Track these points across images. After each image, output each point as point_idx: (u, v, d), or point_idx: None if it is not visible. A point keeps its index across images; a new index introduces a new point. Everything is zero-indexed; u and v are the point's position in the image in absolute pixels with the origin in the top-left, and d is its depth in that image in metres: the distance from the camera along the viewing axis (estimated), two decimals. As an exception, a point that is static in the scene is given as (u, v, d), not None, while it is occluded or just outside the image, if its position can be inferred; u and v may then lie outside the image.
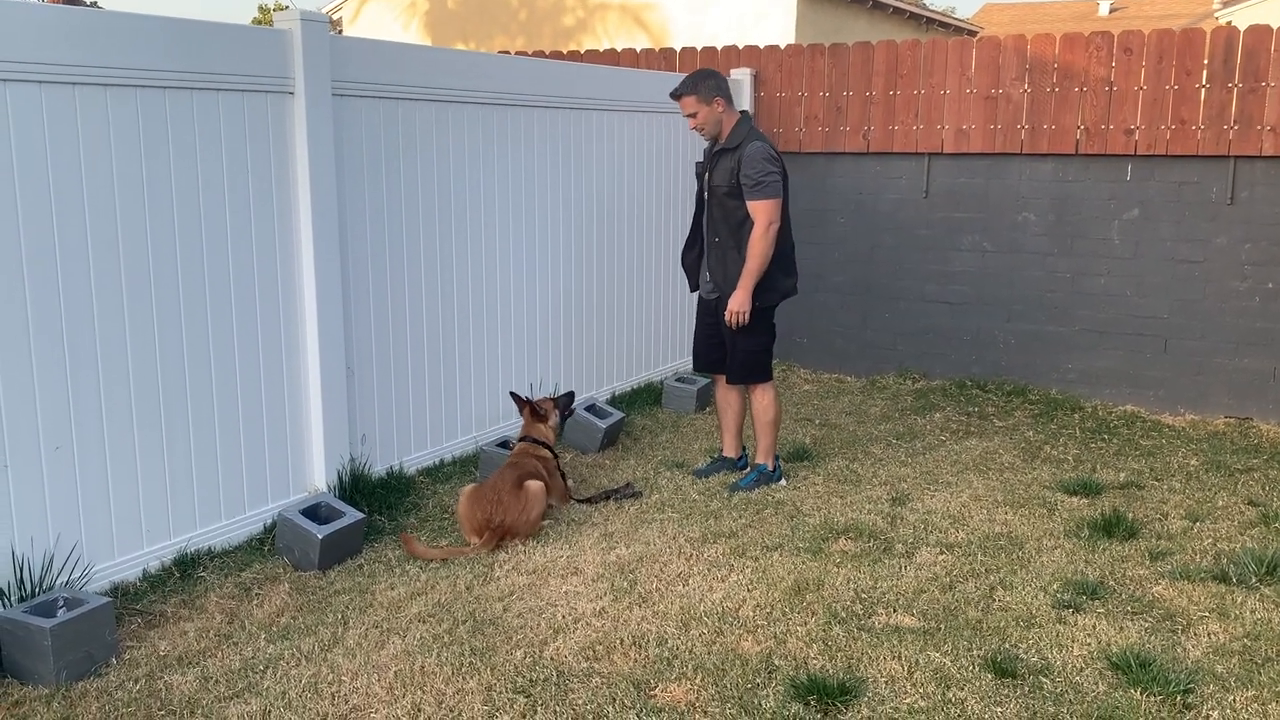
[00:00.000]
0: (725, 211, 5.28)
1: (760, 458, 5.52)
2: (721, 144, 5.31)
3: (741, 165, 5.14)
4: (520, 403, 5.39)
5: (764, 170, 5.12)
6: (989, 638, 3.80)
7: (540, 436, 5.32)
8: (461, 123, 5.51)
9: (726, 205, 5.26)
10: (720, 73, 5.51)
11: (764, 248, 5.16)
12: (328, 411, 4.83)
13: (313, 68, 4.58)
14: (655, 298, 7.35)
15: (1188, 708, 3.36)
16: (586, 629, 3.88)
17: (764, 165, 5.13)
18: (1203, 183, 6.72)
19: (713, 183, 5.33)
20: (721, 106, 5.27)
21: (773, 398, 5.48)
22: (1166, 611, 4.04)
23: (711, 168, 5.35)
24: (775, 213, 5.16)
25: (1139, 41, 6.75)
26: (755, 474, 5.46)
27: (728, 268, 5.32)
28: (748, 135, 5.23)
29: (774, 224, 5.16)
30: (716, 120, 5.28)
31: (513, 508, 4.70)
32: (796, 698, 3.40)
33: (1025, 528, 4.88)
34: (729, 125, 5.29)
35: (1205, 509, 5.13)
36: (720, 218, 5.32)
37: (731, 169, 5.19)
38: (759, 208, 5.14)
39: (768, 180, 5.13)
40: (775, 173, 5.17)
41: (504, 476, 4.86)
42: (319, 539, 4.36)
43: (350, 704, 3.40)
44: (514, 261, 5.98)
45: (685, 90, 5.28)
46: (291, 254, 4.67)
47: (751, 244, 5.17)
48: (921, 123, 7.45)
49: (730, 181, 5.20)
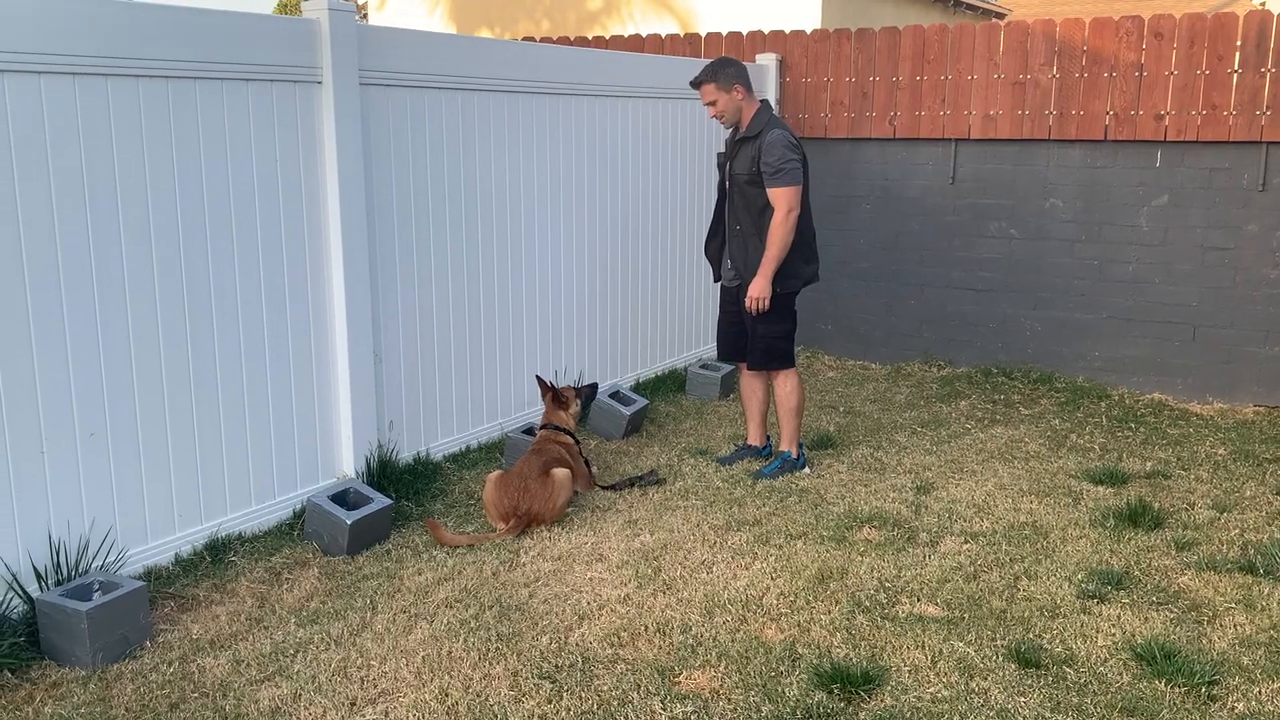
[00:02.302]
0: (746, 199, 5.29)
1: (784, 445, 5.53)
2: (742, 132, 5.31)
3: (762, 153, 5.15)
4: (544, 388, 5.44)
5: (784, 157, 5.13)
6: (1013, 627, 3.81)
7: (561, 423, 5.37)
8: (487, 111, 5.52)
9: (748, 193, 5.27)
10: (739, 60, 5.49)
11: (784, 234, 5.17)
12: (356, 398, 4.88)
13: (340, 57, 4.61)
14: (679, 284, 7.35)
15: (1213, 699, 3.36)
16: (611, 615, 3.91)
17: (784, 152, 5.13)
18: (1234, 169, 6.64)
19: (734, 171, 5.34)
20: (741, 94, 5.27)
21: (795, 384, 5.50)
22: (1192, 602, 4.02)
23: (732, 156, 5.36)
24: (795, 200, 5.16)
25: (1170, 25, 6.67)
26: (779, 462, 5.48)
27: (749, 255, 5.33)
28: (768, 123, 5.24)
29: (794, 211, 5.17)
30: (736, 108, 5.28)
31: (539, 494, 4.74)
32: (820, 686, 3.42)
33: (1050, 517, 4.87)
34: (749, 113, 5.29)
35: (1233, 499, 5.10)
36: (742, 206, 5.33)
37: (752, 157, 5.20)
38: (779, 195, 5.15)
39: (787, 167, 5.13)
40: (795, 160, 5.17)
41: (530, 463, 4.90)
42: (348, 525, 4.41)
43: (379, 688, 3.45)
44: (540, 249, 6.01)
45: (704, 78, 5.29)
46: (320, 242, 4.72)
47: (771, 231, 5.18)
48: (948, 108, 7.40)
49: (751, 170, 5.21)
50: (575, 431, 5.42)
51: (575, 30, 13.98)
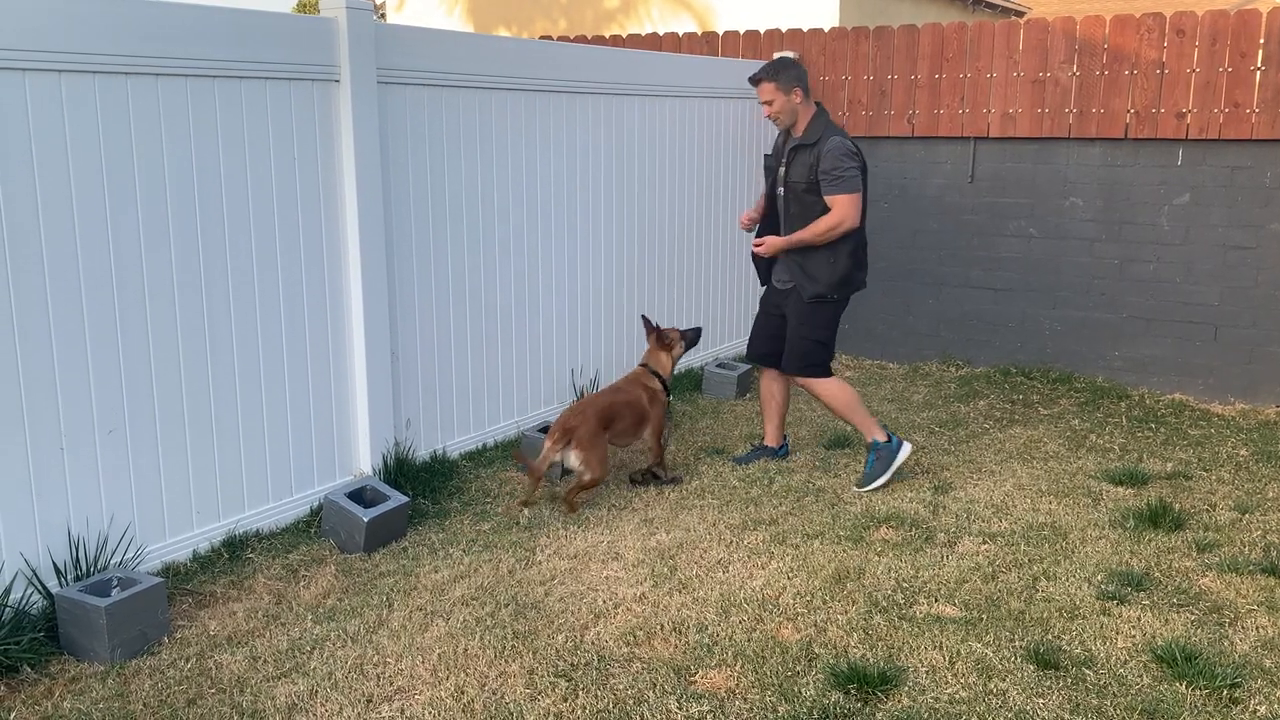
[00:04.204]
0: (803, 207, 5.16)
1: (868, 436, 5.30)
2: (798, 139, 5.17)
3: (820, 160, 5.03)
4: (649, 327, 5.48)
5: (844, 165, 5.00)
6: (1031, 628, 3.78)
7: (657, 366, 5.43)
8: (505, 109, 5.53)
9: (804, 201, 5.15)
10: (801, 63, 5.31)
11: (824, 233, 5.06)
12: (373, 396, 4.89)
13: (358, 55, 4.62)
14: (696, 283, 7.34)
15: (1234, 702, 3.32)
16: (627, 614, 3.91)
17: (844, 160, 5.01)
18: (1256, 167, 6.58)
19: (789, 179, 5.20)
20: (799, 98, 5.14)
21: (837, 385, 5.36)
22: (1213, 604, 3.99)
23: (787, 163, 5.22)
24: (851, 209, 5.04)
25: (1192, 23, 6.61)
26: (873, 455, 5.26)
27: (806, 265, 5.20)
28: (825, 129, 5.11)
29: (847, 222, 5.05)
30: (792, 111, 5.16)
31: (587, 424, 4.94)
32: (836, 686, 3.40)
33: (1069, 518, 4.83)
34: (805, 118, 5.17)
35: (1255, 500, 5.05)
36: (798, 214, 5.19)
37: (810, 165, 5.07)
38: (836, 202, 5.03)
39: (847, 175, 5.01)
40: (855, 168, 5.04)
41: (601, 396, 5.28)
42: (364, 522, 4.42)
43: (395, 685, 3.46)
44: (556, 248, 6.00)
45: (765, 76, 5.16)
46: (338, 240, 4.73)
47: (818, 222, 5.06)
48: (967, 106, 7.36)
49: (809, 178, 5.09)
50: (669, 378, 5.45)
51: (592, 29, 13.99)
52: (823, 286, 5.20)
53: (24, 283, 3.64)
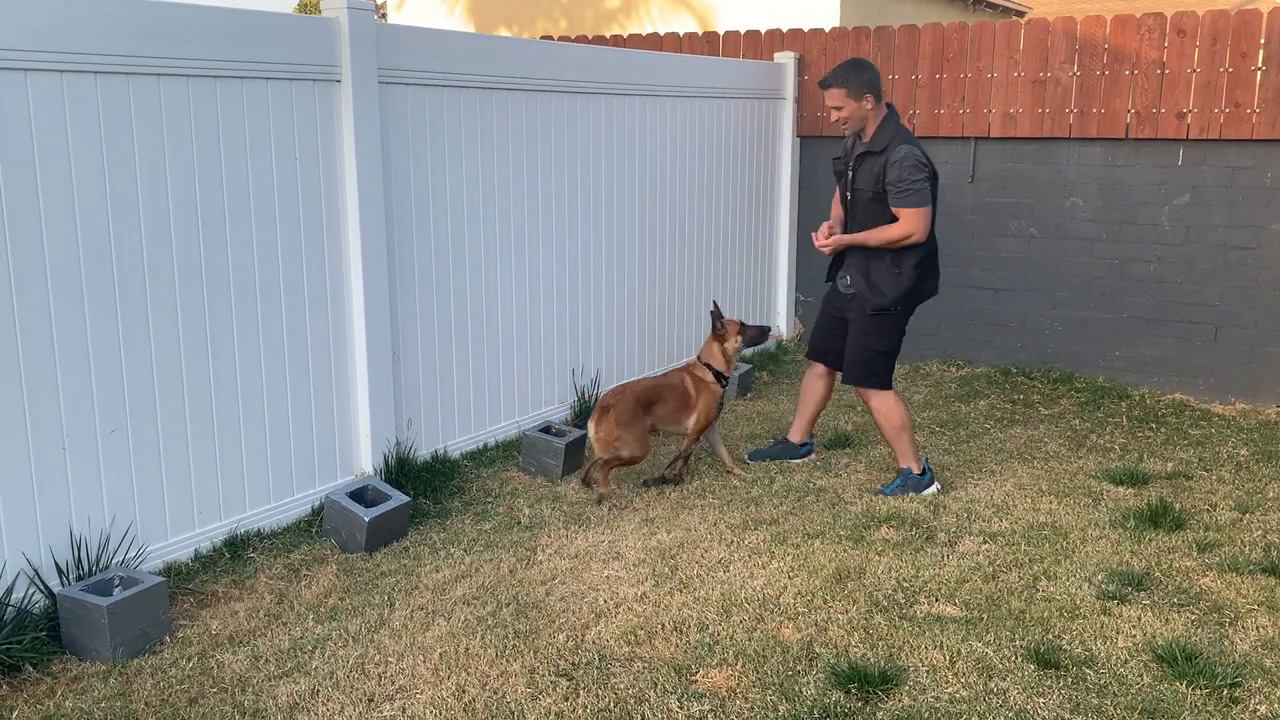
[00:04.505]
0: (870, 216, 5.04)
1: (902, 462, 5.21)
2: (865, 145, 5.02)
3: (888, 169, 4.90)
4: (715, 317, 5.45)
5: (912, 177, 4.87)
6: (1032, 628, 3.79)
7: (708, 357, 5.41)
8: (507, 109, 5.53)
9: (870, 210, 5.03)
10: (874, 65, 5.14)
11: (889, 240, 4.96)
12: (374, 396, 4.89)
13: (359, 55, 4.62)
14: (698, 284, 7.34)
15: (1234, 701, 3.33)
16: (628, 614, 3.91)
17: (912, 172, 4.86)
18: (1257, 167, 6.59)
19: (856, 185, 5.09)
20: (870, 104, 4.96)
21: (893, 402, 5.19)
22: (1214, 604, 3.99)
23: (855, 169, 5.09)
24: (919, 223, 4.91)
25: (1193, 23, 6.62)
26: (900, 479, 5.19)
27: (870, 274, 5.09)
28: (894, 136, 4.95)
29: (914, 235, 4.93)
30: (862, 118, 4.99)
31: (620, 408, 5.07)
32: (837, 685, 3.41)
33: (1070, 517, 4.84)
34: (874, 123, 5.01)
35: (1255, 500, 5.06)
36: (864, 221, 5.08)
37: (877, 174, 4.94)
38: (904, 215, 4.91)
39: (915, 187, 4.88)
40: (924, 179, 4.90)
41: (644, 379, 5.49)
42: (366, 522, 4.43)
43: (396, 685, 3.46)
44: (557, 248, 6.01)
45: (835, 82, 4.96)
46: (339, 240, 4.73)
47: (886, 229, 4.96)
48: (968, 106, 7.36)
49: (875, 187, 4.96)
50: (725, 370, 5.40)
51: (593, 29, 13.99)
52: (886, 300, 5.08)
53: (26, 282, 3.64)
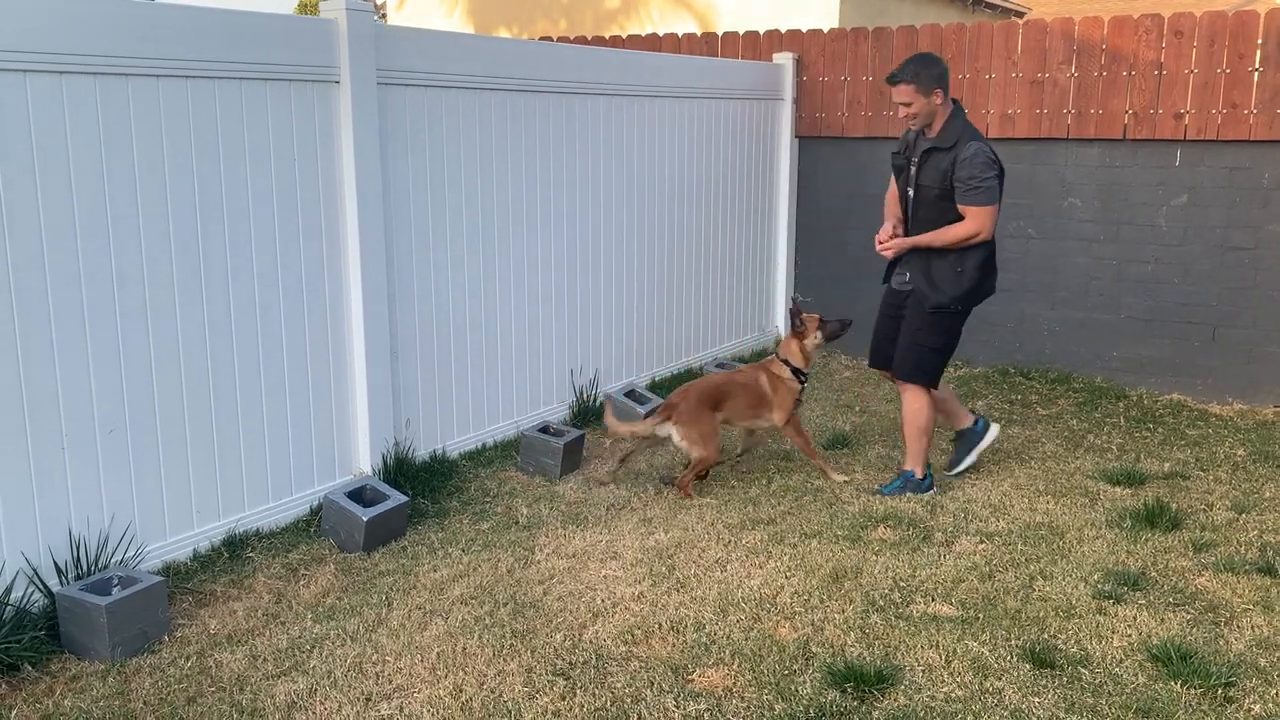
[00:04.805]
0: (936, 212, 4.94)
1: (910, 464, 5.19)
2: (932, 140, 4.92)
3: (957, 166, 4.81)
4: (793, 315, 5.44)
5: (984, 175, 4.79)
6: (1028, 628, 3.80)
7: (786, 353, 5.40)
8: (504, 109, 5.55)
9: (937, 206, 4.93)
10: (942, 59, 5.02)
11: (955, 240, 4.89)
12: (373, 396, 4.91)
13: (358, 56, 4.64)
14: (696, 285, 7.35)
15: (1229, 701, 3.34)
16: (625, 613, 3.92)
17: (984, 170, 4.79)
18: (1255, 168, 6.59)
19: (921, 181, 4.98)
20: (940, 98, 4.87)
21: (927, 403, 5.15)
22: (1209, 604, 4.00)
23: (920, 164, 4.98)
24: (988, 221, 4.85)
25: (1190, 24, 6.63)
26: (901, 480, 5.18)
27: (931, 272, 5.01)
28: (963, 132, 4.87)
29: (982, 234, 4.87)
30: (931, 113, 4.89)
31: (684, 406, 5.15)
32: (833, 685, 3.42)
33: (1066, 517, 4.85)
34: (941, 118, 4.91)
35: (1252, 500, 5.07)
36: (928, 219, 4.98)
37: (944, 170, 4.86)
38: (971, 213, 4.84)
39: (985, 185, 4.81)
40: (994, 178, 4.83)
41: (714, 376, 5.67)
42: (364, 521, 4.44)
43: (394, 684, 3.47)
44: (556, 248, 6.02)
45: (904, 77, 4.85)
46: (337, 239, 4.75)
47: (949, 229, 4.89)
48: (966, 108, 7.34)
49: (942, 184, 4.87)
50: (803, 366, 5.35)
51: (593, 29, 14.00)
52: (947, 298, 5.00)
53: (25, 283, 3.66)
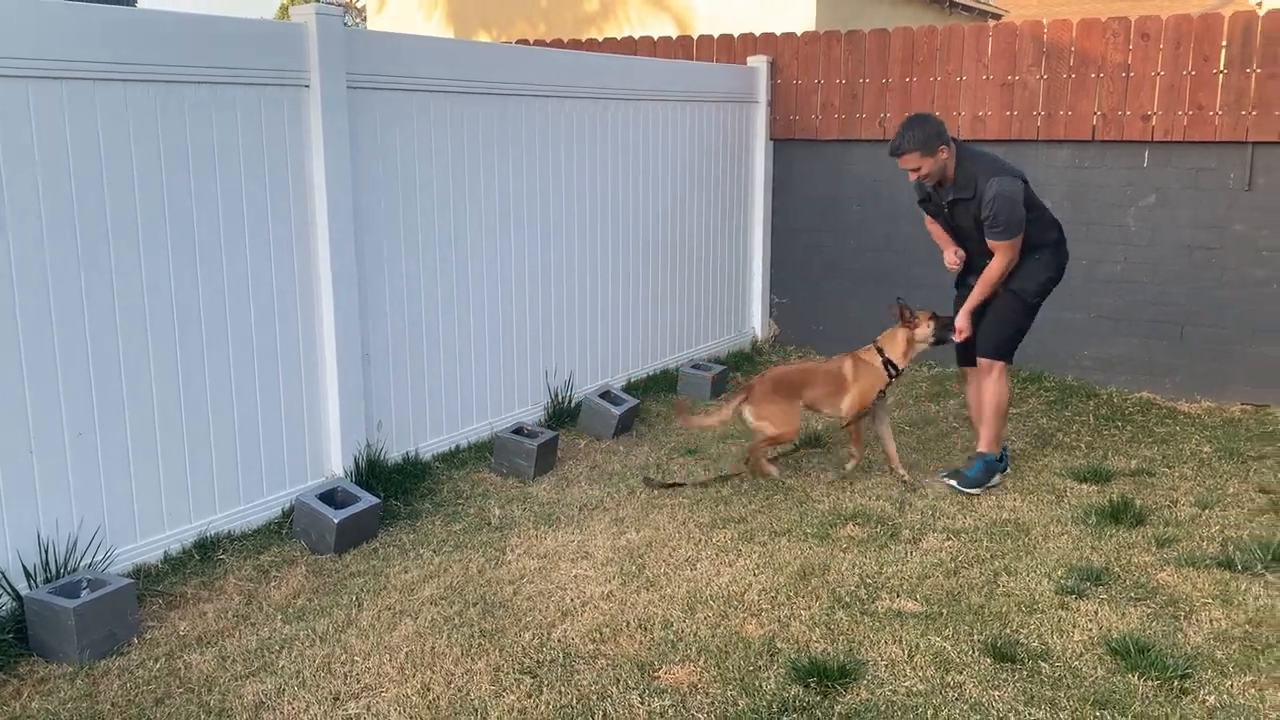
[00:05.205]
0: (985, 245, 5.13)
1: (985, 446, 5.28)
2: (953, 190, 5.09)
3: (982, 209, 4.99)
4: (903, 308, 5.48)
5: (1004, 213, 4.95)
6: (990, 623, 3.85)
7: (885, 342, 5.42)
8: (478, 113, 5.57)
9: (984, 235, 5.11)
10: (933, 114, 5.16)
11: (996, 281, 5.12)
12: (344, 398, 4.93)
13: (328, 60, 4.66)
14: (671, 286, 7.39)
15: (1184, 693, 3.39)
16: (594, 612, 3.96)
17: (1005, 210, 4.94)
18: (1220, 169, 6.68)
19: (958, 223, 5.21)
20: (945, 153, 5.00)
21: (1008, 384, 5.32)
22: (1170, 598, 4.06)
23: (950, 211, 5.20)
24: (1013, 252, 5.06)
25: (1156, 26, 6.71)
26: (981, 464, 5.25)
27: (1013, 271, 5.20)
28: (978, 174, 5.01)
29: (1013, 260, 5.08)
30: (941, 168, 5.04)
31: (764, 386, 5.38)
32: (797, 680, 3.46)
33: (1033, 514, 4.91)
34: (952, 167, 5.05)
35: (1215, 496, 5.14)
36: (979, 242, 5.17)
37: (975, 215, 5.05)
38: (999, 248, 5.05)
39: (1005, 222, 4.97)
40: (1012, 212, 4.97)
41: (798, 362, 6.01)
42: (335, 523, 4.46)
43: (362, 683, 3.50)
44: (530, 249, 6.05)
45: (907, 147, 4.98)
46: (308, 242, 4.77)
47: (988, 272, 5.11)
48: (938, 109, 7.42)
49: (978, 223, 5.07)
50: (900, 360, 5.38)
51: (572, 32, 14.03)
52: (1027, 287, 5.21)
53: (-8, 287, 3.67)
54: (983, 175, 5.01)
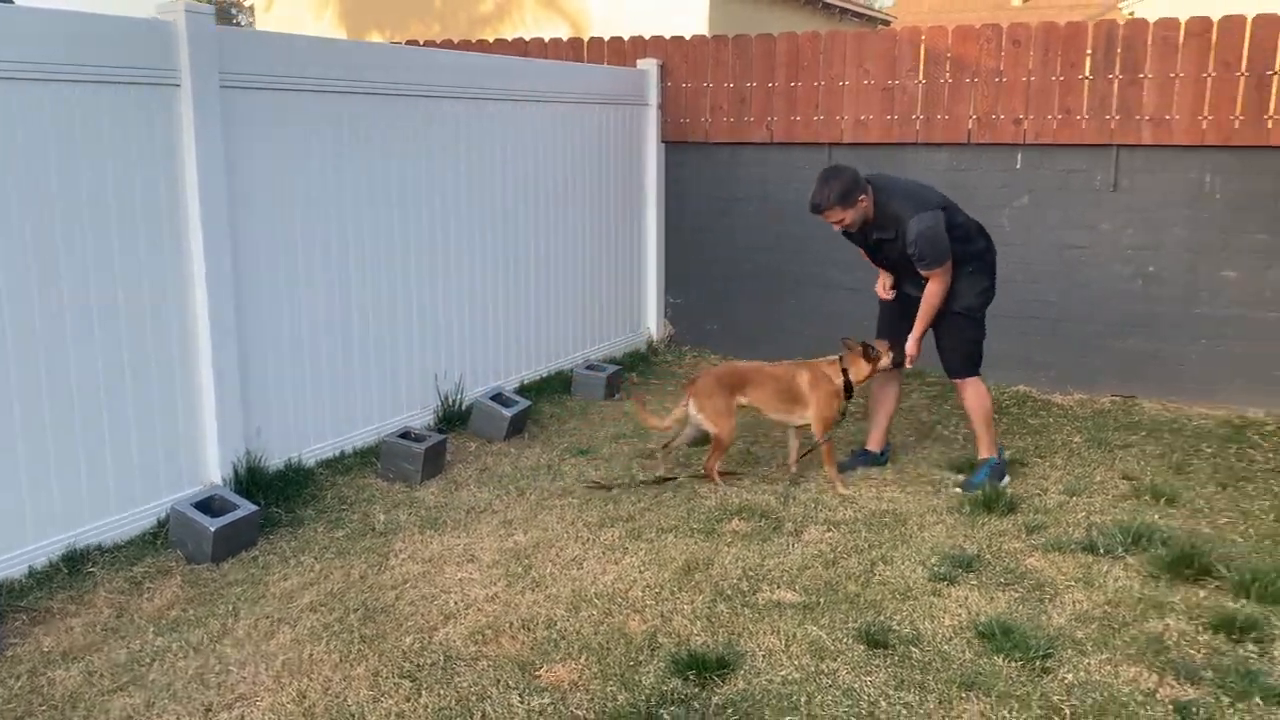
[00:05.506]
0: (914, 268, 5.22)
1: (984, 452, 5.40)
2: (877, 231, 5.20)
3: (908, 247, 5.08)
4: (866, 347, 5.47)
5: (926, 247, 5.06)
6: (865, 611, 3.96)
7: (849, 363, 5.42)
8: (359, 113, 5.50)
9: (913, 266, 5.21)
10: (845, 166, 5.25)
11: (935, 307, 5.24)
12: (221, 405, 4.82)
13: (199, 59, 4.56)
14: (564, 287, 7.40)
15: (1046, 671, 3.54)
16: (477, 614, 3.95)
17: (927, 246, 5.04)
18: (1088, 170, 6.98)
19: (889, 258, 5.32)
20: (865, 201, 5.09)
21: (985, 390, 5.44)
22: (1036, 582, 4.23)
23: (878, 250, 5.32)
24: (946, 276, 5.18)
25: (1026, 34, 6.98)
26: (987, 469, 5.33)
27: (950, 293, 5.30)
28: (898, 211, 5.09)
29: (946, 286, 5.20)
30: (864, 213, 5.14)
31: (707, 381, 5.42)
32: (676, 673, 3.51)
33: (911, 505, 5.06)
34: (873, 210, 5.15)
35: (1083, 484, 5.36)
36: (910, 272, 5.28)
37: (901, 250, 5.14)
38: (932, 275, 5.18)
39: (931, 253, 5.08)
40: (935, 243, 5.06)
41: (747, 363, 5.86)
42: (211, 532, 4.36)
43: (236, 693, 3.43)
44: (416, 250, 5.99)
45: (826, 204, 5.09)
46: (181, 243, 4.65)
47: (926, 299, 5.23)
48: (822, 113, 7.60)
49: (906, 258, 5.17)
50: (856, 383, 5.40)
51: (467, 33, 13.94)
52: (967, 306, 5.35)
53: None
54: (905, 213, 5.08)
